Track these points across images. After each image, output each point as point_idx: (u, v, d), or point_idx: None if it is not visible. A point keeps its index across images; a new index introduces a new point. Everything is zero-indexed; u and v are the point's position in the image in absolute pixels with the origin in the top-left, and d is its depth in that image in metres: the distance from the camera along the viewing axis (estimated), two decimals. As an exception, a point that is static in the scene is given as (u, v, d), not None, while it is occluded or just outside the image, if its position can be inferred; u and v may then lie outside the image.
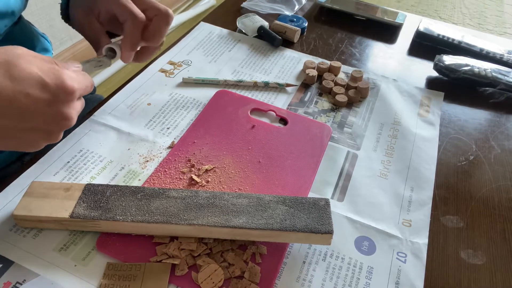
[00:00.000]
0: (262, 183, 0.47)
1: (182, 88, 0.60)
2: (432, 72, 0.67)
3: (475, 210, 0.48)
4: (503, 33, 2.26)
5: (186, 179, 0.47)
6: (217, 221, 0.39)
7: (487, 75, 0.63)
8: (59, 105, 0.35)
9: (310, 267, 0.41)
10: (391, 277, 0.41)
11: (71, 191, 0.42)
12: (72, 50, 1.59)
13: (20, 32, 0.56)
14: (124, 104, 0.57)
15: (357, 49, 0.72)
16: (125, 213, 0.40)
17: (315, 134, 0.54)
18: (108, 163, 0.48)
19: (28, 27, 0.59)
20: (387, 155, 0.53)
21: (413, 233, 0.45)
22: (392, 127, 0.57)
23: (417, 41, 0.74)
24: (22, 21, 0.57)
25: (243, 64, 0.66)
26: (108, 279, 0.37)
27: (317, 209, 0.41)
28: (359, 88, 0.61)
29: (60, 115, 0.36)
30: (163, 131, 0.53)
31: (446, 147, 0.56)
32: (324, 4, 0.80)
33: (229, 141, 0.52)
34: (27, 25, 0.59)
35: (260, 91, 0.61)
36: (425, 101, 0.62)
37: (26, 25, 0.58)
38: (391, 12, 0.79)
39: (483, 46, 0.70)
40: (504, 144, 0.57)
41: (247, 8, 0.79)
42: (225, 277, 0.38)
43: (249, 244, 0.41)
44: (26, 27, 0.58)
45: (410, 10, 2.38)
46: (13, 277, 0.37)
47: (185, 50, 0.68)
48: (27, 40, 0.57)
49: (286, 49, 0.70)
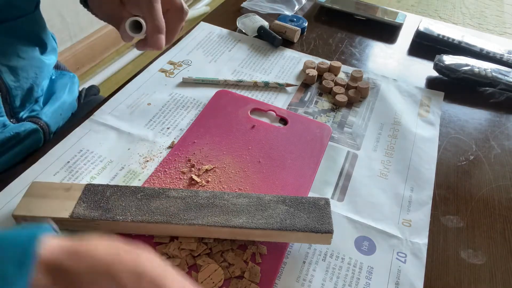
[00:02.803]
0: (262, 183, 0.47)
1: (182, 88, 0.60)
2: (432, 72, 0.67)
3: (475, 210, 0.48)
4: (503, 33, 2.26)
5: (186, 179, 0.47)
6: (217, 221, 0.39)
7: (487, 75, 0.63)
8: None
9: (310, 267, 0.41)
10: (391, 277, 0.41)
11: (71, 191, 0.42)
12: (73, 50, 1.59)
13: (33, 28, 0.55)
14: (124, 104, 0.57)
15: (357, 49, 0.72)
16: (125, 213, 0.40)
17: (315, 134, 0.54)
18: (108, 163, 0.48)
19: (43, 24, 0.58)
20: (387, 155, 0.53)
21: (413, 233, 0.45)
22: (392, 127, 0.57)
23: (417, 41, 0.74)
24: (39, 15, 0.56)
25: (243, 64, 0.66)
26: (108, 279, 0.37)
27: (317, 208, 0.41)
28: (359, 88, 0.61)
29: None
30: (163, 131, 0.53)
31: (446, 147, 0.56)
32: (324, 4, 0.80)
33: (229, 141, 0.52)
34: (43, 21, 0.58)
35: (260, 91, 0.61)
36: (425, 101, 0.62)
37: (42, 21, 0.57)
38: (391, 12, 0.79)
39: (483, 46, 0.70)
40: (504, 144, 0.57)
41: (247, 8, 0.79)
42: (225, 277, 0.38)
43: (249, 244, 0.41)
44: (41, 23, 0.57)
45: (410, 10, 2.38)
46: (13, 277, 0.37)
47: (185, 50, 0.68)
48: (39, 37, 0.56)
49: (286, 49, 0.70)
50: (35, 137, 0.54)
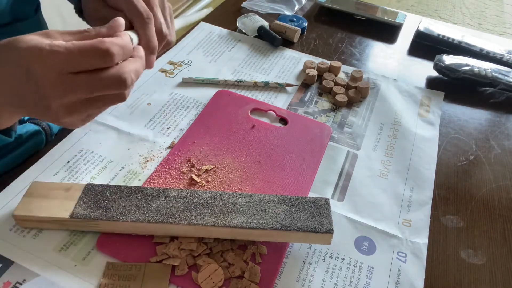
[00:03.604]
0: (262, 183, 0.47)
1: (182, 88, 0.60)
2: (432, 72, 0.67)
3: (475, 210, 0.48)
4: (503, 33, 2.26)
5: (186, 179, 0.47)
6: (217, 221, 0.39)
7: (487, 75, 0.63)
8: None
9: (310, 267, 0.41)
10: (391, 277, 0.41)
11: (71, 191, 0.42)
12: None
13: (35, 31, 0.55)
14: (124, 104, 0.57)
15: (357, 49, 0.72)
16: (125, 213, 0.40)
17: (315, 134, 0.54)
18: (108, 163, 0.48)
19: (45, 27, 0.58)
20: (387, 155, 0.53)
21: (413, 233, 0.45)
22: (392, 127, 0.57)
23: (417, 41, 0.74)
24: (40, 17, 0.56)
25: (243, 64, 0.66)
26: (108, 279, 0.37)
27: (317, 208, 0.41)
28: (359, 88, 0.61)
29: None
30: (163, 131, 0.53)
31: (446, 147, 0.56)
32: (324, 4, 0.80)
33: (229, 141, 0.52)
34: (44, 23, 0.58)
35: (260, 91, 0.61)
36: (425, 101, 0.62)
37: (43, 23, 0.57)
38: (391, 12, 0.79)
39: (483, 46, 0.70)
40: (504, 144, 0.57)
41: (247, 8, 0.79)
42: (225, 277, 0.38)
43: (249, 244, 0.41)
44: (43, 25, 0.57)
45: (410, 10, 2.38)
46: (13, 277, 0.37)
47: (185, 50, 0.68)
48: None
49: (286, 49, 0.70)
50: (37, 139, 0.54)
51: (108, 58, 0.35)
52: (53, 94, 0.34)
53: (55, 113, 0.36)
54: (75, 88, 0.35)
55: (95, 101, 0.37)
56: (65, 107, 0.36)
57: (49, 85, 0.34)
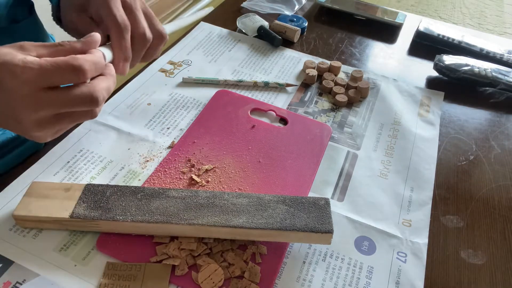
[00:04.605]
0: (262, 183, 0.47)
1: (182, 88, 0.60)
2: (432, 72, 0.67)
3: (475, 210, 0.48)
4: (503, 33, 2.26)
5: (186, 179, 0.47)
6: (217, 221, 0.39)
7: (487, 75, 0.63)
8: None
9: (310, 267, 0.41)
10: (391, 277, 0.41)
11: (71, 191, 0.42)
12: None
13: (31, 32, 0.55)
14: (124, 104, 0.57)
15: (357, 49, 0.72)
16: (125, 213, 0.40)
17: (315, 134, 0.54)
18: (108, 163, 0.48)
19: (41, 27, 0.58)
20: (387, 155, 0.53)
21: (413, 233, 0.45)
22: (392, 127, 0.57)
23: (417, 41, 0.74)
24: (36, 18, 0.56)
25: (243, 64, 0.66)
26: (108, 279, 0.37)
27: (317, 208, 0.41)
28: (359, 88, 0.61)
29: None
30: (163, 131, 0.53)
31: (446, 147, 0.56)
32: (324, 4, 0.80)
33: (229, 141, 0.52)
34: (40, 24, 0.58)
35: (260, 91, 0.61)
36: (425, 101, 0.62)
37: (39, 24, 0.58)
38: (391, 12, 0.79)
39: (483, 46, 0.70)
40: (504, 144, 0.57)
41: (247, 8, 0.79)
42: (225, 277, 0.38)
43: (249, 244, 0.41)
44: (39, 26, 0.57)
45: (410, 10, 2.38)
46: (13, 277, 0.38)
47: (185, 50, 0.68)
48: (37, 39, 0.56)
49: (286, 49, 0.70)
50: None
51: (81, 75, 0.35)
52: (25, 109, 0.35)
53: (25, 127, 0.36)
54: (47, 104, 0.35)
55: (66, 117, 0.38)
56: (36, 121, 0.36)
57: (21, 100, 0.34)
